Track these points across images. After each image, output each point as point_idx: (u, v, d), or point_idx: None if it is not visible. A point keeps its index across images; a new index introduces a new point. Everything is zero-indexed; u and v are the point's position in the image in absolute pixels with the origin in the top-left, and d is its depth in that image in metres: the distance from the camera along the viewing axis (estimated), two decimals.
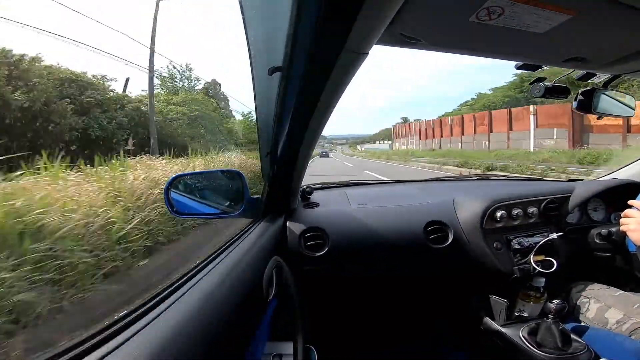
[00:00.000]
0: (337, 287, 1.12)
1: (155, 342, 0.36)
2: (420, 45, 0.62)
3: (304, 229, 1.02)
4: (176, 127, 12.80)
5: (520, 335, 0.98)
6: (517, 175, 6.63)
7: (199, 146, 9.33)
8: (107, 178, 3.55)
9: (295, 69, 0.49)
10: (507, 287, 1.12)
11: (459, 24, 0.55)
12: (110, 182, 3.43)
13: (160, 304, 0.44)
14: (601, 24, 0.57)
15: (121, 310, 0.42)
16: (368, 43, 0.46)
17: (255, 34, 0.50)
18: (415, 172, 12.61)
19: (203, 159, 7.15)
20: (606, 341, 0.91)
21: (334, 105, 0.60)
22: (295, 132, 0.67)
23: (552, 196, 1.17)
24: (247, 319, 0.59)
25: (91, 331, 0.37)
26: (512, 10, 0.50)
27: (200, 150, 8.01)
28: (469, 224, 1.10)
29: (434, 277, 1.16)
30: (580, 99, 0.97)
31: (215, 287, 0.52)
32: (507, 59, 0.77)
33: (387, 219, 1.10)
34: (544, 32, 0.56)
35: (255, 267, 0.67)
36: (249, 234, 0.81)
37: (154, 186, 3.76)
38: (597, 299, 1.03)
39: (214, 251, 0.68)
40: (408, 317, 1.27)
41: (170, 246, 3.39)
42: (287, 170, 0.84)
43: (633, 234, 0.93)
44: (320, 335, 0.93)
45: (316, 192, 1.24)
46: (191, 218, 2.55)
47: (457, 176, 1.85)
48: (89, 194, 2.99)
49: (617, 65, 0.78)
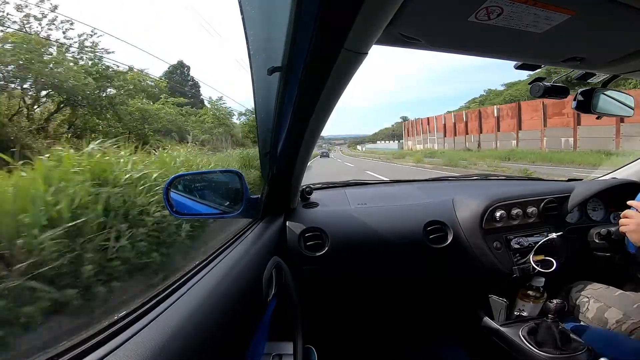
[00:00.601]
0: (336, 287, 1.12)
1: (155, 342, 0.36)
2: (419, 45, 0.62)
3: (303, 228, 1.02)
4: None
5: (520, 334, 0.99)
6: (517, 175, 6.63)
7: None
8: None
9: (295, 69, 0.49)
10: (507, 287, 1.12)
11: (458, 24, 0.55)
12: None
13: (160, 304, 0.44)
14: (601, 24, 0.57)
15: (121, 310, 0.42)
16: (368, 43, 0.46)
17: (255, 34, 0.50)
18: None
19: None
20: (605, 341, 0.91)
21: (333, 105, 0.60)
22: (295, 132, 0.67)
23: (551, 196, 1.17)
24: (246, 319, 0.59)
25: (91, 331, 0.37)
26: (511, 10, 0.50)
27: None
28: (468, 224, 1.10)
29: (433, 277, 1.16)
30: (579, 99, 0.97)
31: (215, 287, 0.52)
32: (507, 59, 0.77)
33: (387, 219, 1.10)
34: (543, 31, 0.56)
35: (254, 267, 0.67)
36: (249, 234, 0.81)
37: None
38: (597, 299, 1.03)
39: (214, 251, 0.67)
40: (408, 317, 1.27)
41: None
42: (287, 170, 0.84)
43: (632, 234, 0.93)
44: (320, 335, 0.93)
45: (316, 192, 1.24)
46: (191, 218, 2.55)
47: (456, 176, 1.85)
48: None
49: (616, 65, 0.78)
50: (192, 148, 5.97)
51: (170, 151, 4.21)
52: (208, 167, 4.22)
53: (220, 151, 9.63)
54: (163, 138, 8.85)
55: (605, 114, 0.98)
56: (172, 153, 3.99)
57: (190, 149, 5.62)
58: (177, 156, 3.79)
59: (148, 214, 2.24)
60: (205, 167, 4.22)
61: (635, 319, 0.91)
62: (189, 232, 2.50)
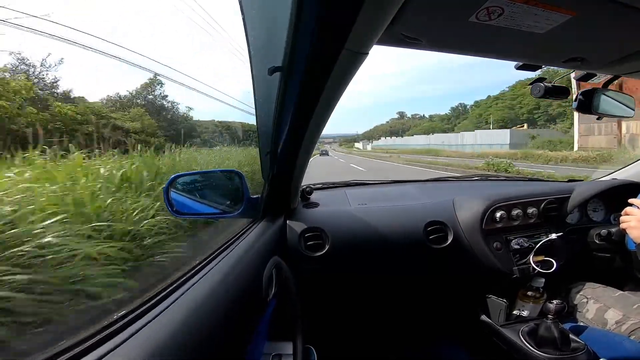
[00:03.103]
0: (336, 287, 1.12)
1: (155, 341, 0.36)
2: (420, 46, 0.62)
3: (303, 228, 1.02)
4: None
5: (519, 335, 0.99)
6: (517, 175, 6.62)
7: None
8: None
9: (295, 69, 0.49)
10: (507, 288, 1.12)
11: (459, 24, 0.55)
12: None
13: (160, 303, 0.44)
14: (601, 24, 0.57)
15: (121, 309, 0.42)
16: (368, 43, 0.46)
17: (255, 34, 0.50)
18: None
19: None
20: (605, 341, 0.91)
21: (334, 105, 0.60)
22: (295, 132, 0.67)
23: (551, 196, 1.17)
24: (246, 318, 0.59)
25: (91, 330, 0.36)
26: (512, 11, 0.50)
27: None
28: (468, 224, 1.10)
29: (433, 277, 1.16)
30: (580, 100, 0.97)
31: (215, 286, 0.52)
32: (507, 59, 0.77)
33: (387, 219, 1.10)
34: (544, 32, 0.56)
35: (255, 267, 0.67)
36: (249, 234, 0.81)
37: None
38: (597, 300, 1.03)
39: (214, 251, 0.67)
40: (408, 317, 1.27)
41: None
42: (287, 170, 0.84)
43: (633, 231, 0.93)
44: (320, 335, 0.93)
45: (316, 192, 1.24)
46: (191, 218, 2.56)
47: (457, 176, 1.85)
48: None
49: (617, 65, 0.78)
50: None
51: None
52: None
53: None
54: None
55: (606, 114, 0.98)
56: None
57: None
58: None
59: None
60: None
61: (635, 319, 0.91)
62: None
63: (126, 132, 8.76)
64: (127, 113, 11.07)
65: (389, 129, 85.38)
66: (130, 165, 2.77)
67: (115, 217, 1.99)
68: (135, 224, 2.03)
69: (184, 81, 19.51)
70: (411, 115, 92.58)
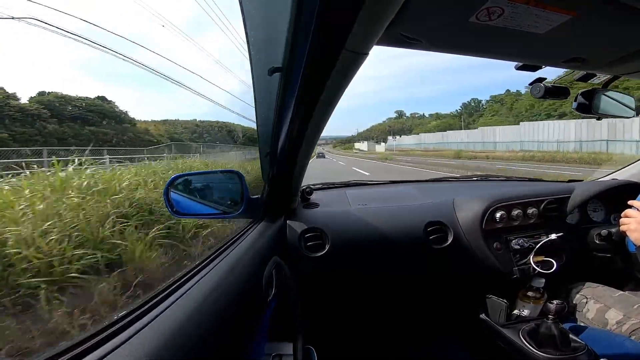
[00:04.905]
0: (337, 287, 1.12)
1: (155, 342, 0.36)
2: (420, 46, 0.62)
3: (304, 229, 1.02)
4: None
5: (520, 335, 0.99)
6: (517, 175, 6.63)
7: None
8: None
9: (295, 69, 0.49)
10: (507, 288, 1.12)
11: (459, 25, 0.55)
12: None
13: (160, 303, 0.43)
14: (601, 24, 0.57)
15: (121, 310, 0.42)
16: (368, 43, 0.46)
17: (255, 34, 0.50)
18: None
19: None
20: (606, 341, 0.91)
21: (334, 106, 0.60)
22: (295, 132, 0.67)
23: (551, 197, 1.17)
24: (246, 319, 0.59)
25: (91, 331, 0.36)
26: (512, 11, 0.50)
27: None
28: (468, 225, 1.10)
29: (433, 278, 1.16)
30: (580, 100, 0.97)
31: (215, 287, 0.52)
32: (507, 60, 0.77)
33: (387, 220, 1.10)
34: (544, 32, 0.56)
35: (255, 267, 0.67)
36: (249, 234, 0.81)
37: None
38: (597, 300, 1.03)
39: (214, 251, 0.67)
40: (408, 318, 1.27)
41: None
42: (287, 170, 0.84)
43: (633, 233, 0.93)
44: (320, 335, 0.93)
45: (316, 193, 1.24)
46: (191, 218, 2.58)
47: (457, 176, 1.85)
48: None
49: (617, 65, 0.78)
50: None
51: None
52: None
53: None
54: None
55: (606, 115, 0.98)
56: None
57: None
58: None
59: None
60: None
61: (636, 319, 0.91)
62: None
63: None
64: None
65: (387, 128, 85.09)
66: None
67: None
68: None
69: (184, 82, 19.48)
70: (410, 114, 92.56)
